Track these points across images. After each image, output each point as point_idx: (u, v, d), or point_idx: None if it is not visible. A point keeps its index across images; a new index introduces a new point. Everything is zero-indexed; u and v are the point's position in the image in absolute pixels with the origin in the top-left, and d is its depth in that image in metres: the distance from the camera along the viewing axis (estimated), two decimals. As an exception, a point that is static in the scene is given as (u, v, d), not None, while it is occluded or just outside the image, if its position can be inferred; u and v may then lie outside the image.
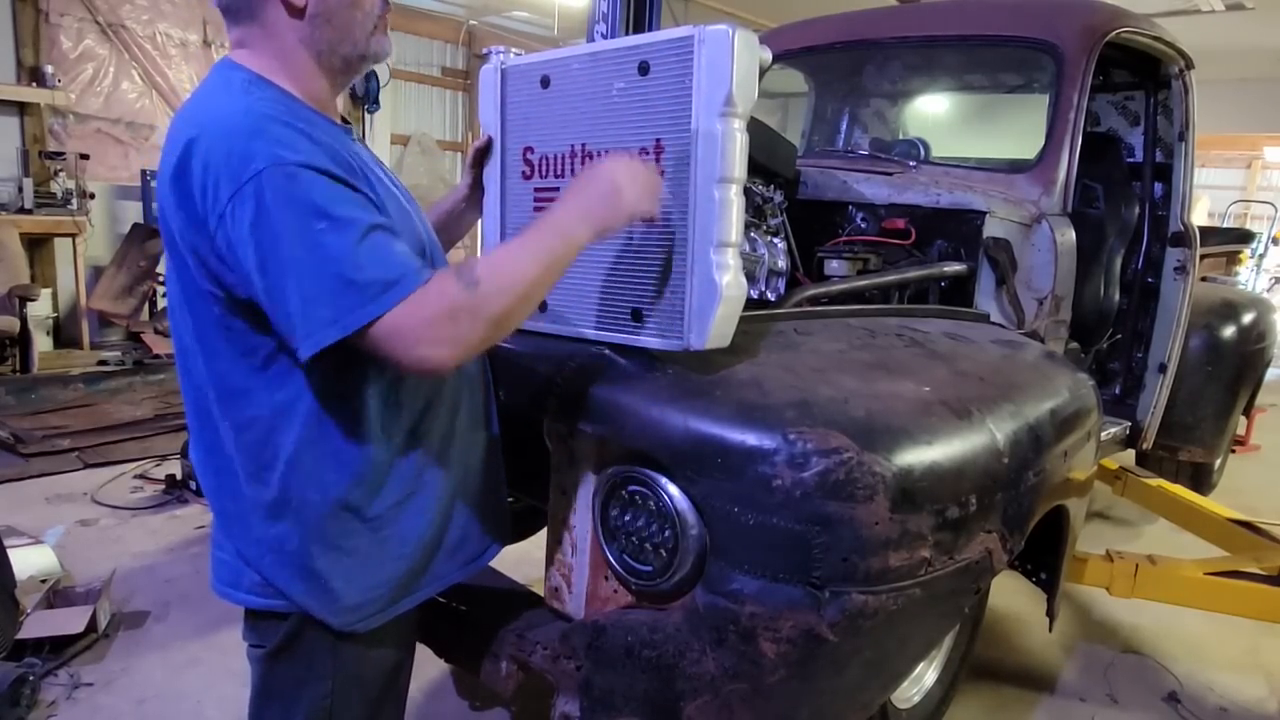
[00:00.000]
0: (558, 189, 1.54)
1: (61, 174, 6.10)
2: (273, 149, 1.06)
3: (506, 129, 1.58)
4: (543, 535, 1.67)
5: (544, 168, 1.53)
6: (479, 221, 1.73)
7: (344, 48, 1.23)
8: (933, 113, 3.65)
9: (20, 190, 5.92)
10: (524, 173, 1.57)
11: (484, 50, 1.58)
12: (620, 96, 1.40)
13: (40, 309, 5.95)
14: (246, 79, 1.17)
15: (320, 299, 1.04)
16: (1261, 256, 10.79)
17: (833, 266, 2.35)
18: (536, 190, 1.56)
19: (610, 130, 1.43)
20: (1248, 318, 3.83)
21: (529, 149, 1.56)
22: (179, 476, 3.89)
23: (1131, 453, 3.44)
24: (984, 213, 2.33)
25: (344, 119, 1.33)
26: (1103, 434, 2.45)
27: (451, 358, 1.09)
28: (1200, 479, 4.02)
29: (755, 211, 2.31)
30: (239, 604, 1.27)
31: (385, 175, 1.30)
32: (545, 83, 1.50)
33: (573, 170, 1.51)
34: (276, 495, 1.19)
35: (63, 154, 6.15)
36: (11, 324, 5.32)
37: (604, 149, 1.45)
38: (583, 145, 1.48)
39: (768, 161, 2.28)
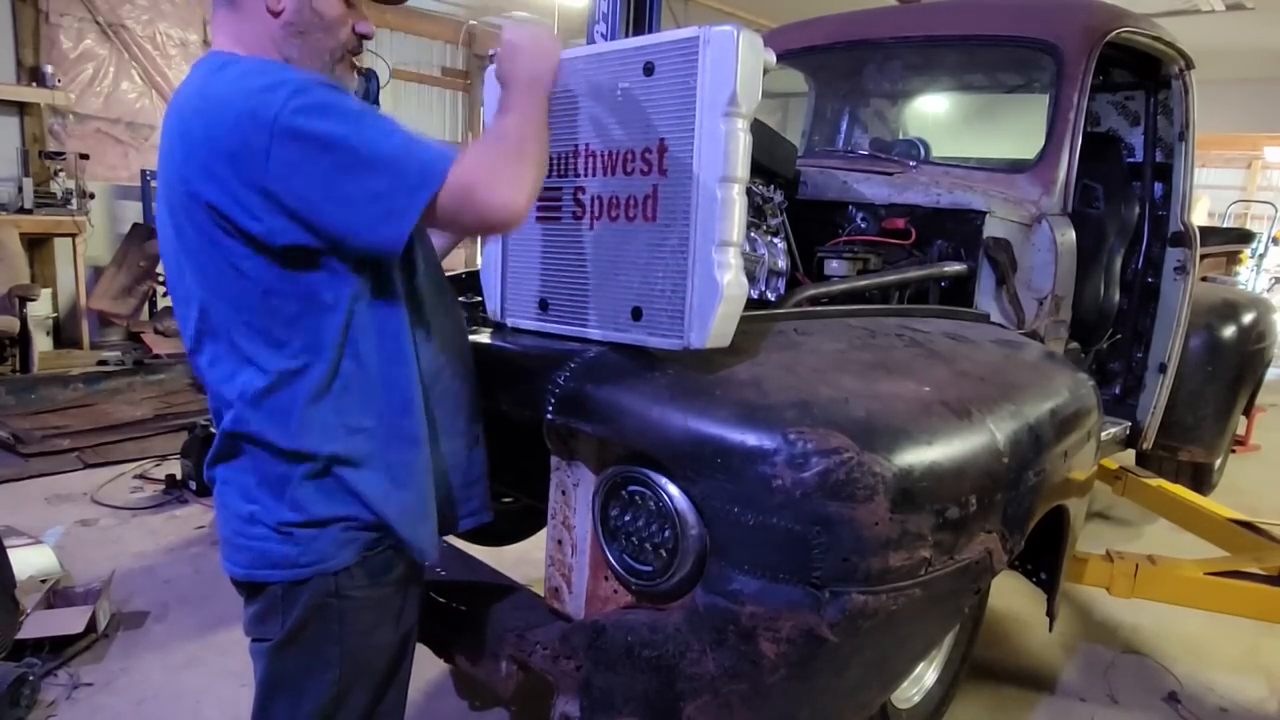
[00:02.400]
0: (560, 189, 1.54)
1: (61, 174, 6.10)
2: (297, 77, 1.13)
3: None
4: (543, 535, 1.67)
5: (548, 168, 1.54)
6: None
7: (310, 64, 1.27)
8: (933, 112, 3.65)
9: (20, 190, 5.93)
10: None
11: (489, 51, 1.57)
12: (624, 97, 1.40)
13: (40, 309, 5.95)
14: (243, 61, 1.21)
15: (404, 171, 1.13)
16: (1261, 256, 10.79)
17: (833, 266, 2.35)
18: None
19: (614, 130, 1.43)
20: (1248, 318, 3.83)
21: None
22: (179, 476, 3.88)
23: (1131, 453, 3.44)
24: (984, 213, 2.33)
25: None
26: (1103, 434, 2.45)
27: (520, 197, 1.18)
28: (1200, 479, 4.01)
29: (755, 211, 2.31)
30: (264, 581, 1.28)
31: None
32: None
33: (575, 170, 1.51)
34: (337, 424, 1.25)
35: (63, 154, 6.16)
36: (11, 324, 5.32)
37: (608, 148, 1.45)
38: (586, 145, 1.48)
39: (768, 161, 2.28)
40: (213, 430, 1.34)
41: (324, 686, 1.31)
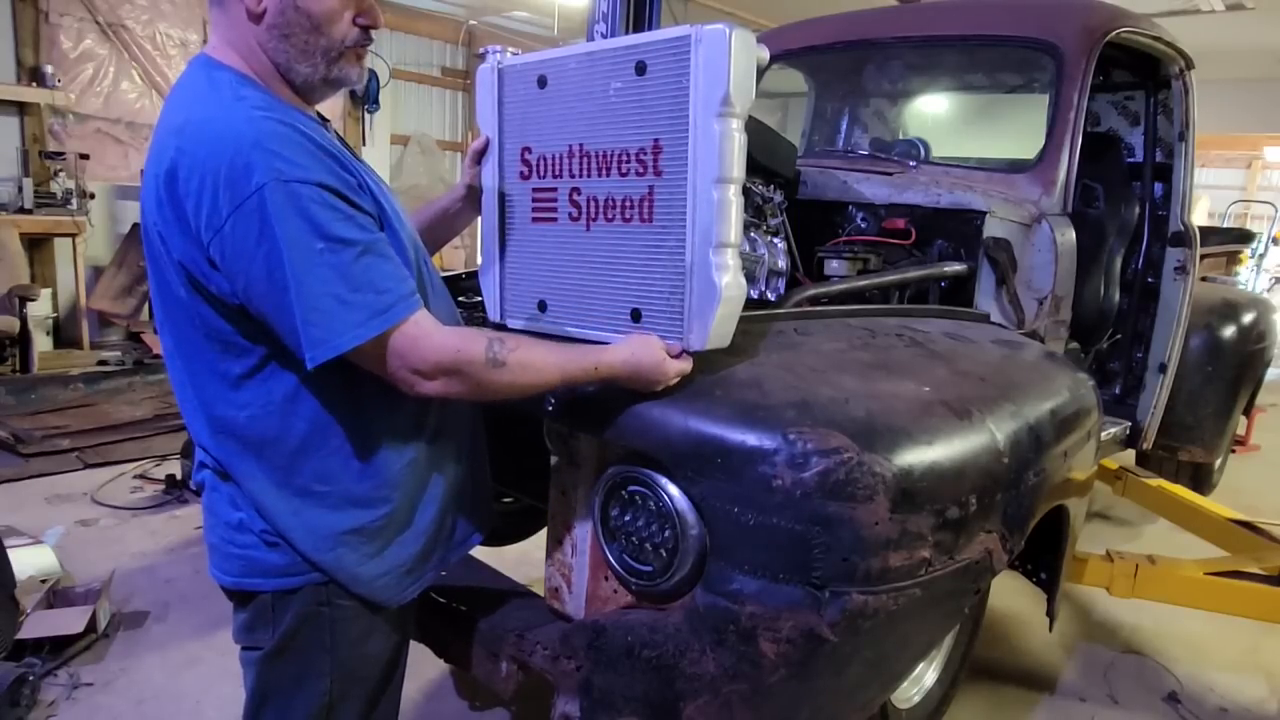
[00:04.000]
0: (555, 189, 1.53)
1: (61, 174, 6.09)
2: (272, 162, 1.05)
3: (504, 129, 1.58)
4: (543, 535, 1.67)
5: (541, 168, 1.53)
6: (476, 220, 1.73)
7: (302, 67, 1.19)
8: (933, 112, 3.65)
9: (20, 190, 5.92)
10: (521, 173, 1.57)
11: (481, 50, 1.57)
12: (617, 96, 1.40)
13: (40, 309, 5.95)
14: (234, 80, 1.15)
15: (317, 319, 1.07)
16: (1261, 256, 10.79)
17: (833, 266, 2.35)
18: (534, 190, 1.55)
19: (608, 130, 1.42)
20: (1248, 318, 3.83)
21: (526, 149, 1.55)
22: (179, 476, 3.89)
23: (1131, 453, 3.44)
24: (984, 213, 2.33)
25: (320, 116, 1.31)
26: (1103, 434, 2.45)
27: (432, 394, 1.16)
28: (1200, 479, 4.01)
29: (755, 211, 2.31)
30: (254, 590, 1.26)
31: (374, 177, 1.29)
32: (542, 82, 1.50)
33: (570, 171, 1.51)
34: (294, 483, 1.22)
35: (62, 154, 6.15)
36: (11, 324, 5.31)
37: (602, 149, 1.44)
38: (580, 145, 1.47)
39: (768, 161, 2.28)
40: None
41: (315, 697, 1.29)
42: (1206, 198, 12.63)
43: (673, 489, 1.36)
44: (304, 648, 1.28)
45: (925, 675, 2.10)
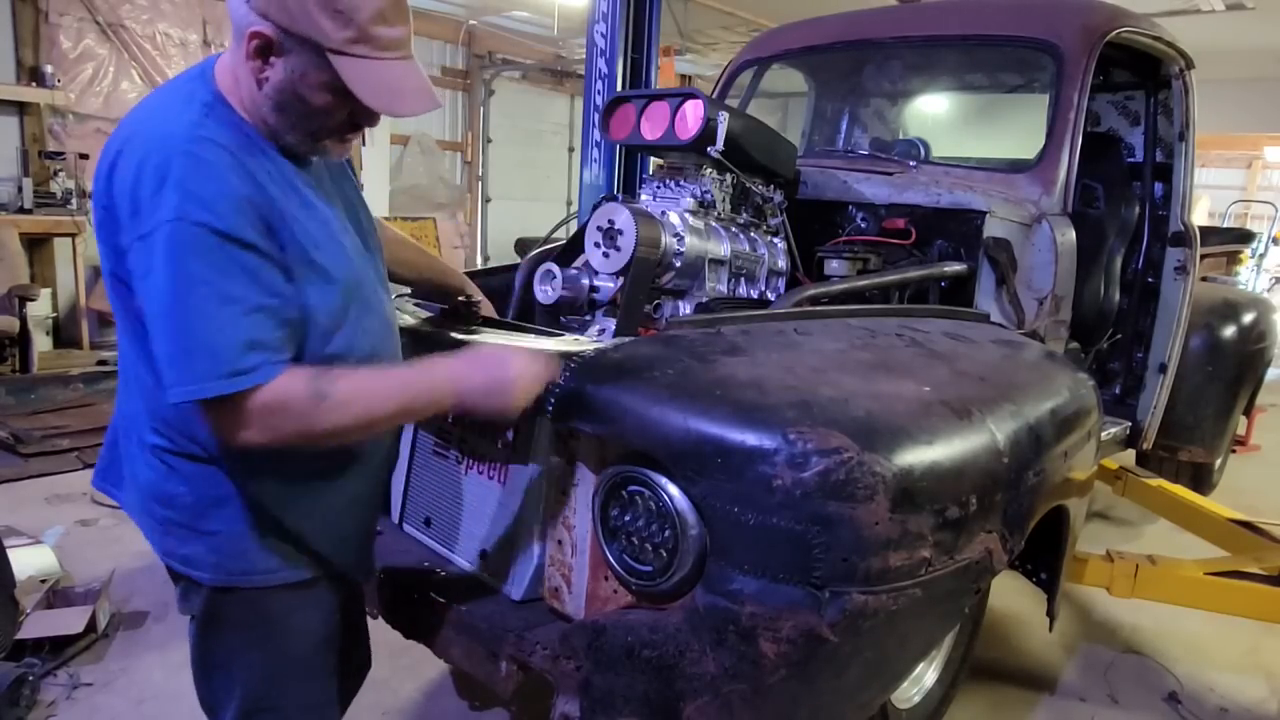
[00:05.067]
0: (452, 433, 1.81)
1: (61, 174, 6.09)
2: (184, 203, 1.07)
3: None
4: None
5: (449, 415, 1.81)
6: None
7: (290, 135, 1.21)
8: (933, 112, 3.65)
9: (20, 190, 5.92)
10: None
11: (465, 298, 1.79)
12: None
13: (40, 309, 5.95)
14: (208, 102, 1.18)
15: (180, 360, 1.09)
16: (1262, 256, 10.79)
17: (833, 266, 2.35)
18: (439, 430, 1.88)
19: None
20: (1248, 318, 3.83)
21: None
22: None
23: (1132, 453, 3.44)
24: (984, 213, 2.33)
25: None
26: (1103, 434, 2.45)
27: (261, 444, 1.14)
28: (1200, 479, 4.01)
29: (755, 211, 2.31)
30: (167, 565, 1.33)
31: (324, 204, 1.28)
32: None
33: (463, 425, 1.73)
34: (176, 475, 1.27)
35: (62, 154, 6.15)
36: (11, 324, 5.31)
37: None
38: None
39: (768, 161, 2.28)
40: None
41: (250, 667, 1.34)
42: (1206, 198, 12.63)
43: (673, 489, 1.35)
44: (233, 621, 1.32)
45: (925, 675, 2.10)
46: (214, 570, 1.28)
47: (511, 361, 1.30)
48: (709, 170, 2.14)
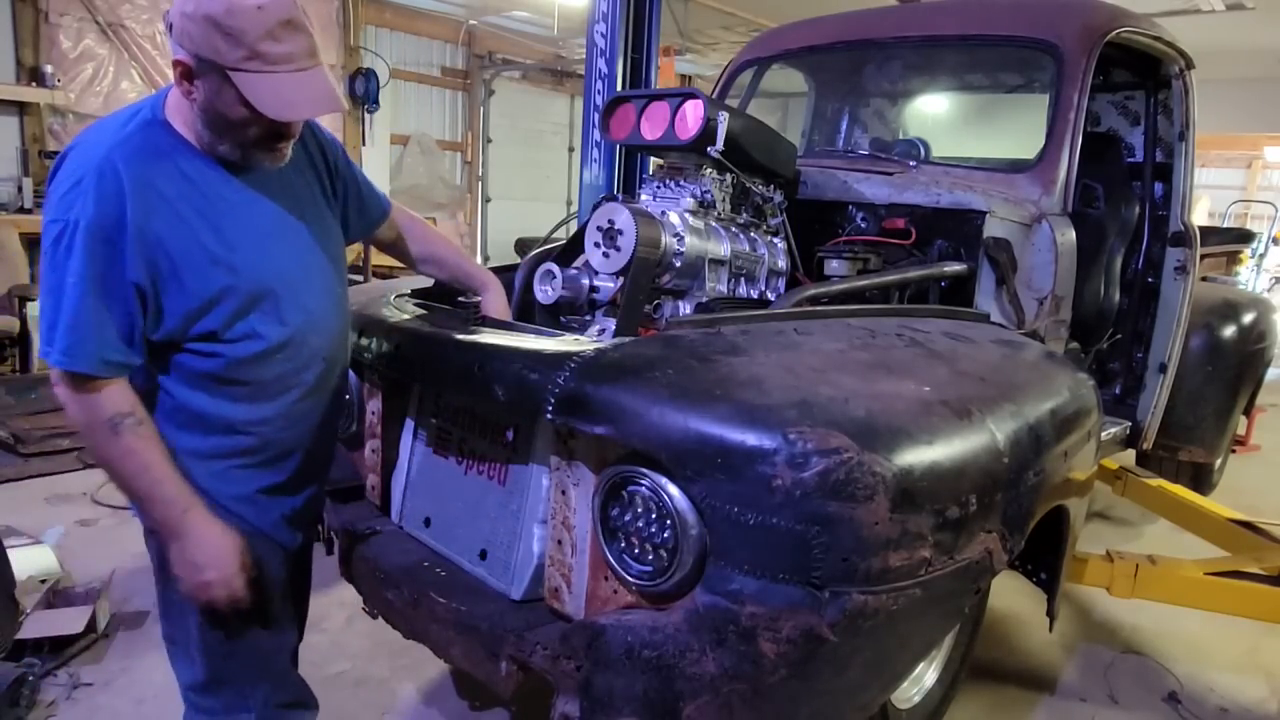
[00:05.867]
0: (452, 433, 1.88)
1: (61, 174, 6.09)
2: (84, 206, 1.28)
3: None
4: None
5: (448, 414, 1.93)
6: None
7: (223, 146, 1.38)
8: (933, 112, 3.65)
9: (20, 190, 5.92)
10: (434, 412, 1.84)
11: None
12: None
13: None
14: (148, 120, 1.37)
15: (44, 325, 1.32)
16: (1262, 256, 10.79)
17: (833, 266, 2.35)
18: (439, 427, 1.95)
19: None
20: (1248, 318, 3.83)
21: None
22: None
23: (1132, 453, 3.44)
24: (984, 212, 2.33)
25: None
26: (1103, 434, 2.45)
27: (70, 420, 1.38)
28: (1200, 479, 4.01)
29: (755, 211, 2.31)
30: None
31: (259, 206, 1.45)
32: None
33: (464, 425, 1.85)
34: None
35: (62, 154, 6.15)
36: (11, 324, 5.31)
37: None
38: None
39: (768, 161, 2.28)
40: None
41: (195, 613, 1.51)
42: (1206, 198, 12.63)
43: (673, 489, 1.35)
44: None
45: (925, 675, 2.10)
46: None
47: (210, 563, 1.45)
48: (709, 170, 2.14)
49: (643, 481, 1.39)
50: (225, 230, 1.39)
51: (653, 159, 2.97)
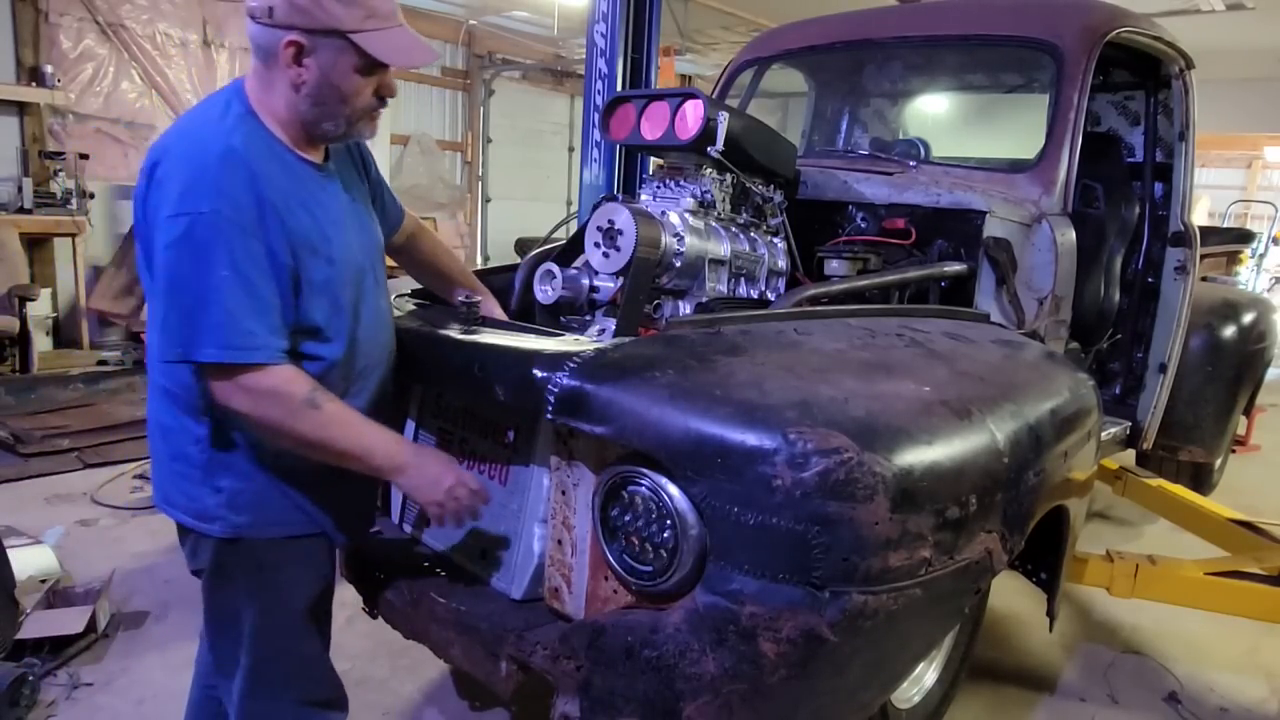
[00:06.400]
0: (453, 432, 1.87)
1: (61, 174, 6.09)
2: (216, 199, 1.27)
3: None
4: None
5: (448, 414, 1.93)
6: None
7: (325, 124, 1.42)
8: (933, 112, 3.65)
9: (20, 190, 5.91)
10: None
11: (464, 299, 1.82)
12: None
13: (40, 309, 5.94)
14: (242, 114, 1.38)
15: (186, 326, 1.28)
16: (1262, 256, 10.79)
17: (833, 266, 2.35)
18: (440, 428, 1.95)
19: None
20: (1248, 318, 3.83)
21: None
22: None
23: (1132, 453, 3.44)
24: (984, 212, 2.33)
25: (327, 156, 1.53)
26: (1103, 434, 2.45)
27: (246, 418, 1.35)
28: (1200, 479, 4.01)
29: (755, 211, 2.31)
30: (177, 520, 1.50)
31: (336, 203, 1.49)
32: None
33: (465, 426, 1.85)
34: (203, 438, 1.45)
35: (62, 154, 6.15)
36: (11, 324, 5.31)
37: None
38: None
39: (768, 161, 2.28)
40: None
41: (255, 617, 1.50)
42: (1206, 198, 12.63)
43: (673, 489, 1.35)
44: (239, 569, 1.48)
45: (925, 675, 2.10)
46: (222, 523, 1.45)
47: (443, 472, 1.50)
48: (709, 170, 2.14)
49: (643, 481, 1.39)
50: (321, 222, 1.42)
51: (653, 159, 2.98)
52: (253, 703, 1.55)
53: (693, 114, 2.02)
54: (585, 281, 2.01)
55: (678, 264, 2.00)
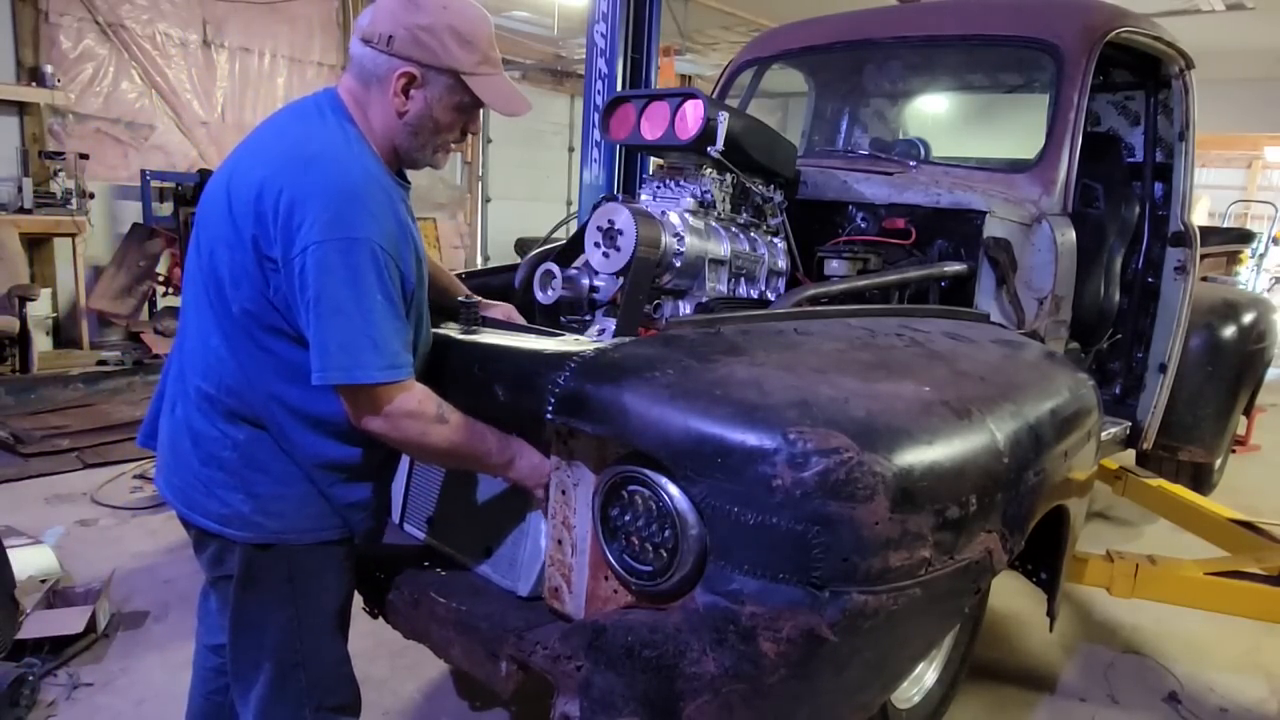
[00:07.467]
0: None
1: (61, 174, 6.09)
2: (368, 225, 1.34)
3: None
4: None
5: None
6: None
7: (416, 152, 1.50)
8: (933, 112, 3.65)
9: (20, 190, 5.92)
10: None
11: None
12: None
13: (40, 309, 5.95)
14: (358, 136, 1.44)
15: (347, 350, 1.33)
16: (1262, 256, 10.79)
17: (833, 266, 2.35)
18: None
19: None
20: (1248, 318, 3.83)
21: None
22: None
23: (1132, 453, 3.44)
24: (984, 213, 2.33)
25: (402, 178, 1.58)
26: (1103, 434, 2.45)
27: (382, 435, 1.42)
28: (1200, 479, 4.01)
29: (755, 211, 2.31)
30: (203, 527, 1.48)
31: (412, 221, 1.54)
32: None
33: None
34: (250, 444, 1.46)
35: (62, 154, 6.15)
36: (11, 324, 5.31)
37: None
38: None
39: (768, 161, 2.28)
40: None
41: (283, 621, 1.50)
42: (1206, 198, 12.63)
43: (673, 489, 1.35)
44: (270, 576, 1.48)
45: (925, 675, 2.10)
46: (254, 529, 1.45)
47: (542, 462, 1.58)
48: (709, 170, 2.14)
49: (643, 481, 1.39)
50: (415, 241, 1.49)
51: (653, 159, 2.98)
52: (275, 708, 1.54)
53: (693, 114, 2.02)
54: (585, 281, 2.01)
55: (678, 264, 2.00)
